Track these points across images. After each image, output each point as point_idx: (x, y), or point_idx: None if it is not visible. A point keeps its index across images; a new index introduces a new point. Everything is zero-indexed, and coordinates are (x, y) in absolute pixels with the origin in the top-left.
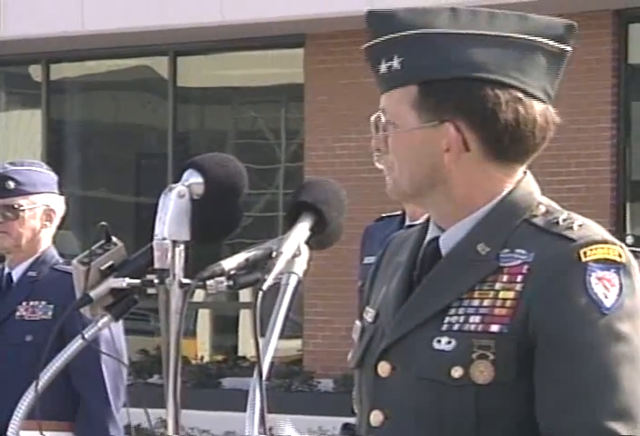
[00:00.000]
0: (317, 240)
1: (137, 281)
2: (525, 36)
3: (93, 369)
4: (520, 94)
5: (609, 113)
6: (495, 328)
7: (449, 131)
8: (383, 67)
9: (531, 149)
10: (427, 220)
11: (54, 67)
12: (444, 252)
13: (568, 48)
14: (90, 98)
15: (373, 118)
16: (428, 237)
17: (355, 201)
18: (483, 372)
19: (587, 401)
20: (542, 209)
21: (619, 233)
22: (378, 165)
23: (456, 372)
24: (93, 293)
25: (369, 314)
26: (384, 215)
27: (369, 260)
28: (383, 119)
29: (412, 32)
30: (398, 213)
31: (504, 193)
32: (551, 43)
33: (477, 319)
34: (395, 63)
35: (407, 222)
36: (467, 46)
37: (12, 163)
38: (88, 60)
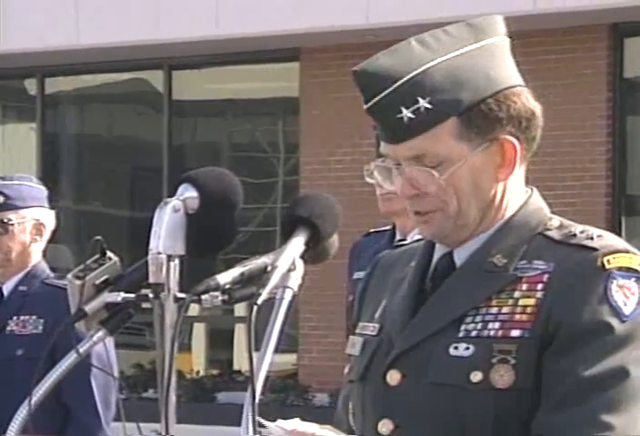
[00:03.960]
0: (312, 254)
1: (132, 295)
2: (502, 38)
3: (83, 383)
4: (526, 89)
5: (604, 127)
6: (515, 333)
7: (506, 146)
8: (407, 114)
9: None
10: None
11: (49, 81)
12: (458, 264)
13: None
14: (85, 112)
15: (383, 166)
16: (439, 253)
17: (350, 215)
18: (503, 377)
19: (595, 398)
20: (555, 223)
21: None
22: (369, 180)
23: (475, 377)
24: (88, 308)
25: (370, 328)
26: (372, 231)
27: (359, 275)
28: (414, 168)
29: (422, 69)
30: (387, 227)
31: (516, 208)
32: (507, 39)
33: (497, 325)
34: (423, 104)
35: (398, 237)
36: (476, 62)
37: (1, 178)
38: (83, 74)
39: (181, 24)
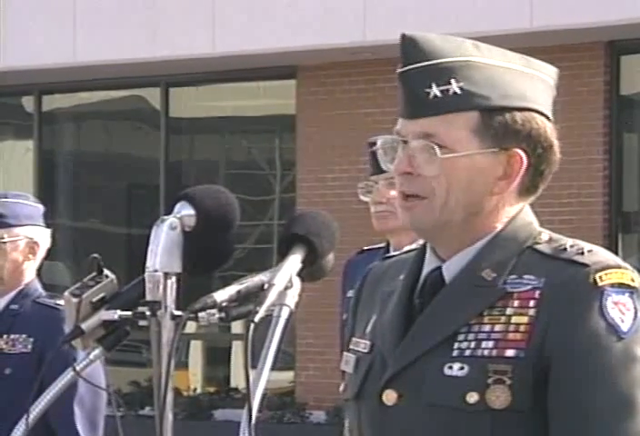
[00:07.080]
0: (309, 272)
1: (129, 313)
2: (551, 77)
3: (66, 404)
4: (553, 126)
5: (601, 144)
6: (510, 352)
7: (514, 158)
8: (435, 91)
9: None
10: (421, 248)
11: (46, 98)
12: (447, 279)
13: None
14: (82, 129)
15: (391, 140)
16: (428, 267)
17: (347, 232)
18: (499, 397)
19: (603, 426)
20: (545, 237)
21: None
22: (363, 198)
23: (472, 398)
24: (84, 326)
25: (361, 345)
26: (365, 248)
27: (352, 293)
28: (419, 143)
29: (465, 59)
30: (381, 245)
31: (505, 222)
32: (554, 84)
33: (490, 344)
34: (454, 87)
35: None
36: (517, 79)
37: None
38: (80, 91)
39: (178, 42)
